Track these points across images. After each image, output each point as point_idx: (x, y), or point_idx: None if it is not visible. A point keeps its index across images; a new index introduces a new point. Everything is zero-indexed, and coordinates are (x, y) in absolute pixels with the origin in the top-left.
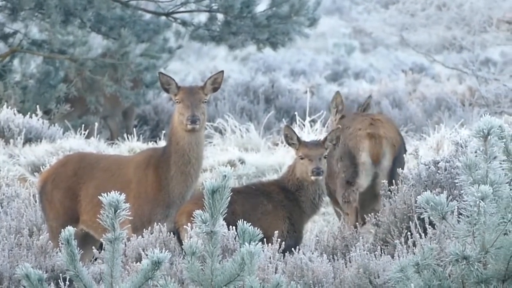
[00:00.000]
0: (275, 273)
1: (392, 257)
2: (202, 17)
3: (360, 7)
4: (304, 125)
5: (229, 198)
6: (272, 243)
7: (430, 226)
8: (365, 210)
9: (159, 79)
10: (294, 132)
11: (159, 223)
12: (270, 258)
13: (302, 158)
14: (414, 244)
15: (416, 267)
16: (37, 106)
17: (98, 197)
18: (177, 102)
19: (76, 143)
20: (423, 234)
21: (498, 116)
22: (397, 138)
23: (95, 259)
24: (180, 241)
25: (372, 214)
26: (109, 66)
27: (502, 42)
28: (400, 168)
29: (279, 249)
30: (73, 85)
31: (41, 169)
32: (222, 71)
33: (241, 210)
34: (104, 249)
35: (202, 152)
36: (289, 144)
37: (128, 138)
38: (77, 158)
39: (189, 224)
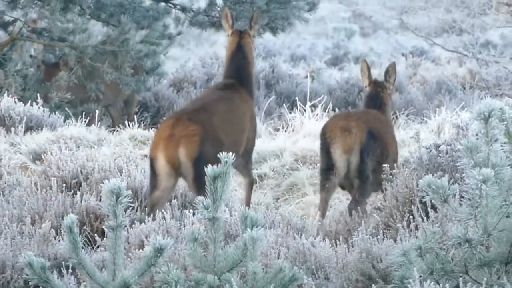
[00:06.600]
0: (278, 258)
1: (395, 241)
2: (202, 3)
3: None
4: (305, 110)
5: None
6: None
7: (432, 210)
8: None
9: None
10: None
11: (162, 210)
12: (272, 243)
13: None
14: (416, 228)
15: (418, 251)
16: (38, 94)
17: None
18: None
19: (77, 130)
20: (425, 218)
21: (498, 99)
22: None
23: (98, 247)
24: (328, 156)
25: (375, 198)
26: (109, 53)
27: (502, 24)
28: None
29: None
30: (74, 72)
31: (43, 157)
32: None
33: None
34: (106, 237)
35: None
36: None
37: (129, 125)
38: None
39: (339, 139)
